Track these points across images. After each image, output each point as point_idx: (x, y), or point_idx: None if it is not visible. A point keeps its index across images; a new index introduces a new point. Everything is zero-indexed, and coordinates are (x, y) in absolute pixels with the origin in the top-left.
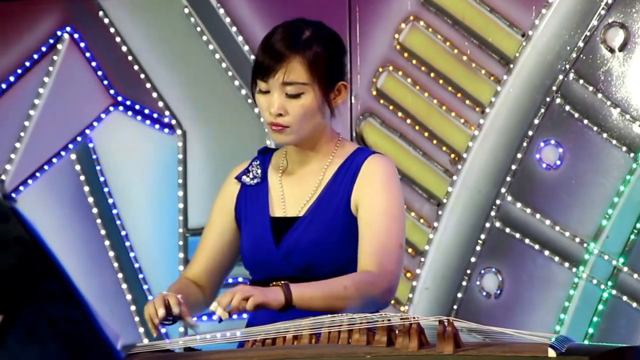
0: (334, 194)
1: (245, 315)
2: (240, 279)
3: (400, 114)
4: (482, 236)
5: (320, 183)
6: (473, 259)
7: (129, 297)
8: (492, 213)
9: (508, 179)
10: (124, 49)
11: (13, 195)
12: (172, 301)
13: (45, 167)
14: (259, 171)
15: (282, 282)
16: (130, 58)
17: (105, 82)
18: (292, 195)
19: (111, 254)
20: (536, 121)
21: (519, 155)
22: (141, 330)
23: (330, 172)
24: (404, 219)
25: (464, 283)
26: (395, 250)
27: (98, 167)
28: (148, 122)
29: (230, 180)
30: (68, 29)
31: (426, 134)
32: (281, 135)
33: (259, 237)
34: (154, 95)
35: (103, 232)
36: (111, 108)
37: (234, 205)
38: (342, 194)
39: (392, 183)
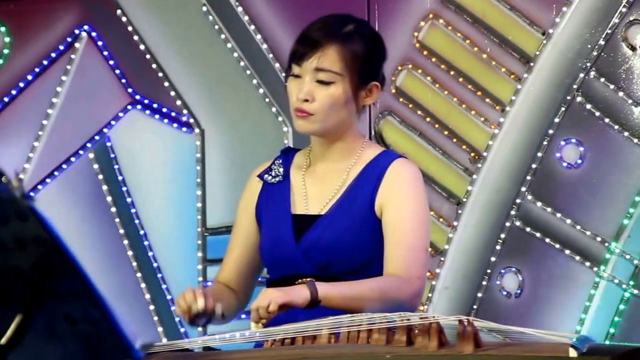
0: (358, 194)
1: None
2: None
3: (419, 112)
4: (502, 235)
5: (344, 182)
6: (493, 259)
7: (147, 296)
8: (513, 212)
9: (528, 177)
10: (142, 47)
11: (32, 194)
12: (199, 294)
13: (64, 166)
14: (281, 169)
15: (308, 279)
16: (148, 56)
17: (123, 81)
18: (314, 193)
19: (130, 253)
20: (557, 120)
21: (540, 154)
22: (160, 329)
23: (354, 172)
24: (429, 223)
25: (484, 282)
26: (421, 255)
27: (116, 166)
28: (166, 120)
29: (253, 179)
30: (86, 27)
31: (446, 133)
32: (305, 122)
33: (279, 234)
34: (172, 93)
35: (121, 231)
36: (129, 107)
37: (256, 203)
38: (365, 194)
39: (418, 188)
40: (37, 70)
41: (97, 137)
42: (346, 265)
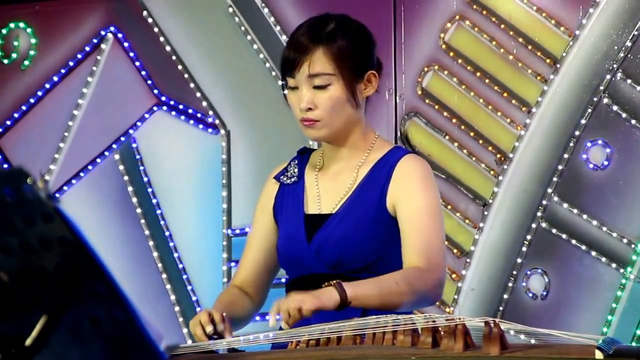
0: (368, 191)
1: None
2: (283, 280)
3: (445, 113)
4: (528, 237)
5: (355, 180)
6: (519, 260)
7: (172, 297)
8: (539, 213)
9: (554, 179)
10: (168, 48)
11: (57, 195)
12: (217, 317)
13: (89, 167)
14: (296, 170)
15: (335, 281)
16: (173, 57)
17: (149, 82)
18: (327, 192)
19: (155, 254)
20: (583, 121)
21: (566, 156)
22: (185, 330)
23: (365, 170)
24: (443, 215)
25: (510, 284)
26: (440, 246)
27: (142, 167)
28: (192, 121)
29: (270, 181)
30: (112, 28)
31: (472, 134)
32: (313, 130)
33: (292, 234)
34: (198, 94)
35: (147, 232)
36: (155, 108)
37: (273, 204)
38: (375, 192)
39: (429, 182)
40: (63, 71)
41: (122, 138)
42: (357, 262)
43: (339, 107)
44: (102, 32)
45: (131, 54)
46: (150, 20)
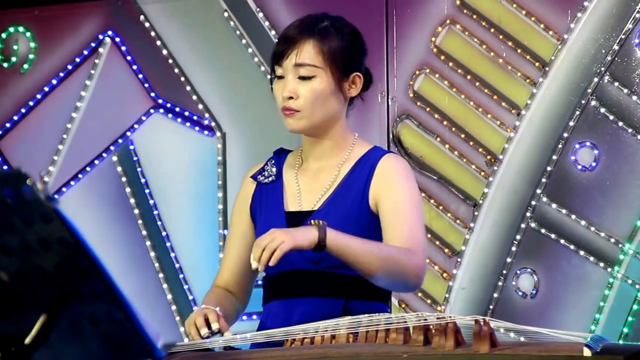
0: (350, 188)
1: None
2: (260, 282)
3: (437, 116)
4: (518, 237)
5: (336, 178)
6: (509, 260)
7: (169, 297)
8: (528, 214)
9: (543, 180)
10: (165, 52)
11: (56, 196)
12: (212, 317)
13: (87, 168)
14: (274, 169)
15: (321, 221)
16: (170, 61)
17: (146, 85)
18: (307, 190)
19: (152, 254)
20: (571, 123)
21: (555, 157)
22: (182, 329)
23: (346, 168)
24: (423, 210)
25: (500, 283)
26: (421, 237)
27: (139, 169)
28: (188, 124)
29: (246, 180)
30: (110, 32)
31: (463, 136)
32: (293, 120)
33: None
34: (194, 97)
35: (144, 232)
36: (152, 110)
37: (250, 204)
38: (357, 189)
39: (409, 178)
40: (61, 74)
41: (120, 141)
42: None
43: (321, 100)
44: (100, 37)
45: (128, 58)
46: (147, 24)
